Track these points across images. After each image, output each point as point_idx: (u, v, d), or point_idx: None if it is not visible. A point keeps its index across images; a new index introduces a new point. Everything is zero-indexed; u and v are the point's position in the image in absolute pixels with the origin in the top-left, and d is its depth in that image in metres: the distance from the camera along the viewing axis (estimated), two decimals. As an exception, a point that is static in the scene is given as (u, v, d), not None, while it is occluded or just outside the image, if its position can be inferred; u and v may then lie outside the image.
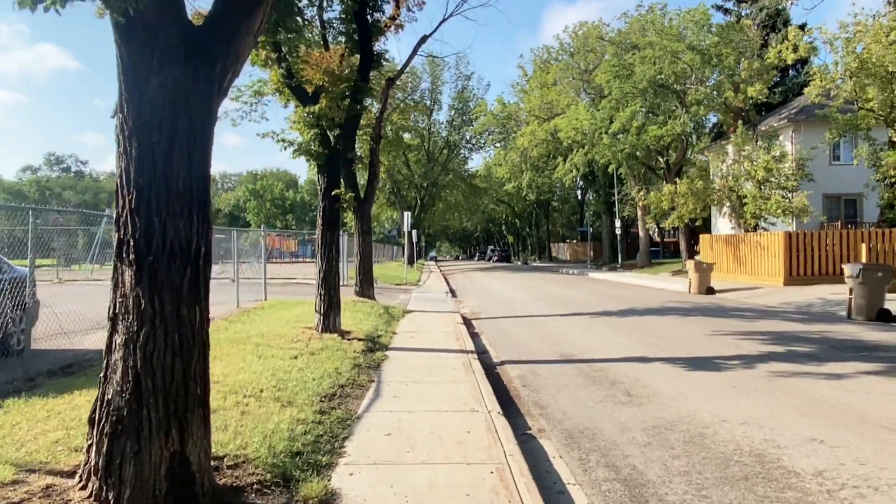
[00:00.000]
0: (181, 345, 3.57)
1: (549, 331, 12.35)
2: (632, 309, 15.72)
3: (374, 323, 12.04)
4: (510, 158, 39.05)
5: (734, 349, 9.61)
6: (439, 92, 48.76)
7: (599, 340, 10.92)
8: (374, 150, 16.13)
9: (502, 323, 14.03)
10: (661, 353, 9.51)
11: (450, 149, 50.30)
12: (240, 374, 7.03)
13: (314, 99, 9.94)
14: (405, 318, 13.99)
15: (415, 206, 49.68)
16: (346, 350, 8.91)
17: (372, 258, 16.56)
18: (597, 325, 12.94)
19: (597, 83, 30.08)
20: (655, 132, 24.72)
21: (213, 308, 13.30)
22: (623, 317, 14.24)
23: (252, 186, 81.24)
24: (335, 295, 10.00)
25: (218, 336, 9.68)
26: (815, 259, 21.19)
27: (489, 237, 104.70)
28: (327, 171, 9.99)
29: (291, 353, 8.32)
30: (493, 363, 9.35)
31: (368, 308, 14.30)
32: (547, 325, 13.24)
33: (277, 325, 10.71)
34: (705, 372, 8.04)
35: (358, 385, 7.22)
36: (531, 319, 14.40)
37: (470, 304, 18.88)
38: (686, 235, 29.30)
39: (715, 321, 13.10)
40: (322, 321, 9.86)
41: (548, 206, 68.21)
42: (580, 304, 17.86)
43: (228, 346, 8.62)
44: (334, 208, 9.99)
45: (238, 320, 11.88)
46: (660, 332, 11.57)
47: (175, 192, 3.54)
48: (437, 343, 10.49)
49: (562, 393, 7.25)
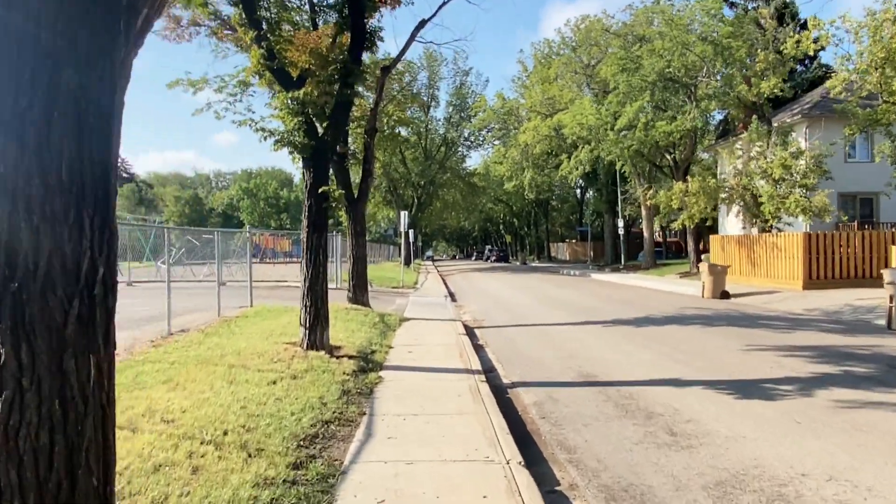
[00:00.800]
0: (64, 416, 2.36)
1: (561, 342, 11.16)
2: (647, 317, 14.55)
3: (367, 335, 10.83)
4: (511, 155, 37.80)
5: (779, 369, 8.42)
6: (437, 88, 47.56)
7: (620, 355, 9.73)
8: (368, 145, 14.92)
9: (508, 332, 12.84)
10: (696, 373, 8.33)
11: (447, 146, 49.07)
12: (203, 409, 5.82)
13: (300, 84, 8.73)
14: (402, 328, 12.78)
15: (411, 204, 48.47)
16: (335, 371, 7.70)
17: (366, 261, 15.36)
18: (613, 336, 11.75)
19: (601, 78, 28.90)
20: (664, 128, 23.54)
21: (193, 316, 11.93)
22: (640, 326, 13.06)
23: (246, 185, 79.81)
24: (322, 306, 8.79)
25: (188, 354, 8.47)
26: (835, 262, 20.06)
27: (486, 236, 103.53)
28: (313, 164, 8.77)
29: (269, 378, 7.11)
30: (502, 385, 8.16)
31: (362, 317, 13.09)
32: (557, 335, 12.05)
33: (258, 340, 9.49)
34: (756, 401, 6.86)
35: (346, 420, 6.01)
36: (539, 328, 13.21)
37: (471, 310, 17.69)
38: (694, 236, 28.17)
39: (744, 332, 11.92)
40: (307, 336, 8.65)
41: (547, 205, 67.09)
42: (589, 309, 16.67)
43: (197, 369, 7.40)
44: (321, 207, 8.77)
45: (216, 332, 10.65)
46: (687, 346, 10.39)
47: (54, 185, 2.33)
48: (438, 359, 9.29)
49: (590, 429, 6.06)
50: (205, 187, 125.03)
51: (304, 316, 8.75)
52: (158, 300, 18.50)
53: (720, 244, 25.14)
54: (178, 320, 12.63)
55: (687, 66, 23.07)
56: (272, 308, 14.58)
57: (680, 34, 22.56)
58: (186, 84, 13.79)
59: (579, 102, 28.16)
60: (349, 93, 8.93)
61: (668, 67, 23.08)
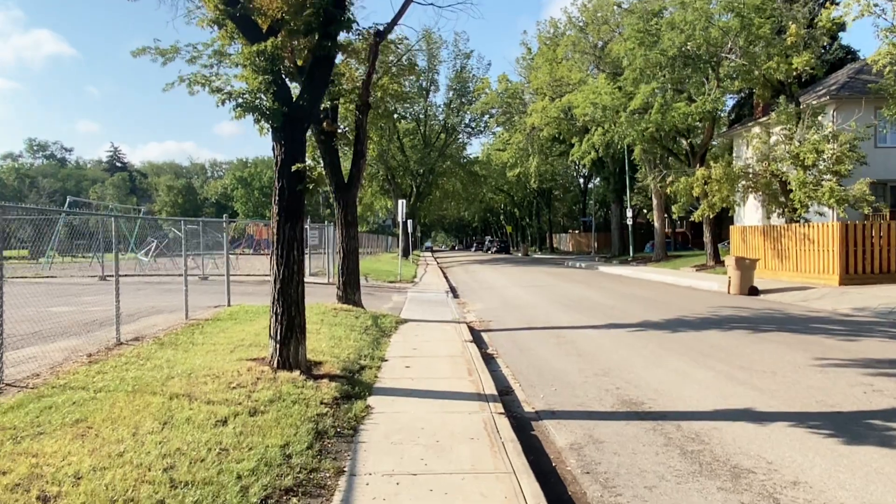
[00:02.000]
0: None
1: (589, 353, 9.39)
2: (680, 319, 12.78)
3: (356, 344, 9.06)
4: (515, 141, 35.75)
5: (877, 396, 6.65)
6: (436, 72, 45.52)
7: (665, 372, 7.98)
8: (360, 123, 13.08)
9: (521, 338, 11.08)
10: (771, 400, 6.57)
11: (448, 133, 47.07)
12: (109, 473, 4.06)
13: (269, 37, 6.90)
14: (398, 333, 11.01)
15: (410, 194, 46.61)
16: (309, 401, 5.94)
17: (358, 254, 13.55)
18: (647, 344, 9.99)
19: (614, 56, 26.91)
20: (683, 109, 21.66)
21: (156, 319, 9.98)
22: (675, 331, 11.30)
23: (240, 174, 77.68)
24: (298, 314, 7.00)
25: (125, 376, 6.69)
26: (872, 255, 18.30)
27: (486, 227, 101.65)
28: (286, 136, 6.96)
29: (220, 414, 5.35)
30: (524, 415, 6.41)
31: (352, 319, 11.31)
32: (581, 343, 10.29)
33: (220, 355, 7.71)
34: (872, 448, 5.10)
35: (315, 486, 4.26)
36: (556, 333, 11.45)
37: (475, 308, 15.94)
38: (710, 226, 26.36)
39: (802, 340, 10.16)
40: (278, 352, 6.87)
41: (550, 194, 65.22)
42: (608, 308, 14.92)
43: (125, 403, 5.63)
44: (296, 190, 6.96)
45: (174, 342, 8.87)
46: (743, 360, 8.63)
47: None
48: (443, 377, 7.53)
49: (660, 497, 4.30)
50: (200, 177, 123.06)
51: (273, 327, 6.97)
52: (130, 297, 16.76)
53: (740, 235, 23.34)
54: (136, 325, 10.86)
55: (709, 41, 21.14)
56: (251, 308, 12.80)
57: (703, 4, 20.61)
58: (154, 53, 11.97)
59: (593, 82, 26.11)
60: (330, 45, 7.09)
61: (688, 42, 21.14)
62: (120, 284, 9.57)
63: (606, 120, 23.97)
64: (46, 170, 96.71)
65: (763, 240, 21.70)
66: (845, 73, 27.21)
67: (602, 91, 24.29)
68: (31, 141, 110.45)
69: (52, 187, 78.52)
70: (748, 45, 21.35)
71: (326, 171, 13.02)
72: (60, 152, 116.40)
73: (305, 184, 7.01)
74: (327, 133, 12.70)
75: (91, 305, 13.55)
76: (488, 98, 38.23)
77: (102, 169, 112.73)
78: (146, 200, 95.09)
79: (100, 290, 17.68)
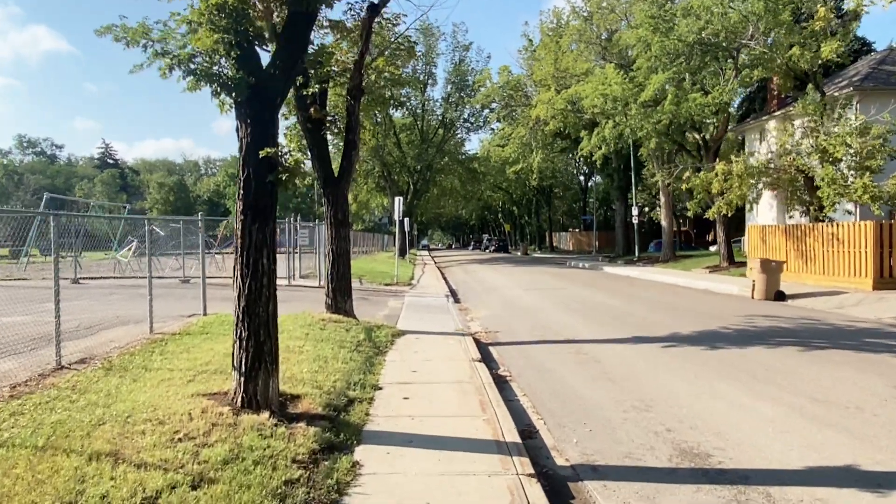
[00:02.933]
0: None
1: (620, 376, 7.96)
2: (713, 331, 11.33)
3: (345, 366, 7.61)
4: (517, 135, 34.15)
5: None
6: (434, 65, 44.00)
7: (723, 406, 6.53)
8: (352, 110, 11.60)
9: (536, 354, 9.64)
10: (879, 454, 5.12)
11: (446, 128, 45.52)
12: None
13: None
14: (394, 350, 9.55)
15: (407, 191, 45.10)
16: (278, 460, 4.48)
17: (350, 257, 12.06)
18: (686, 364, 8.57)
19: (622, 46, 25.50)
20: (700, 100, 20.21)
21: (117, 333, 7.59)
22: (713, 346, 9.86)
23: (233, 170, 75.86)
24: (268, 339, 5.54)
25: (43, 420, 5.21)
26: (907, 256, 16.91)
27: (484, 225, 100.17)
28: (252, 113, 5.50)
29: (152, 487, 3.89)
30: (557, 472, 4.97)
31: (342, 333, 9.85)
32: (607, 361, 8.86)
33: (174, 387, 6.22)
34: None
35: None
36: (576, 348, 10.01)
37: (479, 315, 14.51)
38: (724, 225, 24.95)
39: (866, 360, 8.74)
40: (242, 387, 5.41)
41: (550, 192, 63.81)
42: (628, 317, 13.50)
43: (26, 468, 4.15)
44: (265, 183, 5.49)
45: (123, 367, 7.38)
46: (811, 387, 7.19)
47: None
48: (450, 416, 6.07)
49: None
50: (193, 174, 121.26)
51: (237, 355, 5.50)
52: (98, 304, 15.26)
53: (760, 235, 21.94)
54: (91, 340, 9.37)
55: (728, 27, 19.69)
56: (229, 319, 11.30)
57: (723, -13, 19.20)
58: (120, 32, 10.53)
59: (600, 72, 24.59)
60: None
61: (706, 27, 19.69)
62: (91, 289, 8.14)
63: (617, 112, 22.49)
64: (36, 167, 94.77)
65: (785, 240, 20.30)
66: (867, 64, 25.83)
67: (612, 81, 22.80)
68: (20, 137, 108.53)
69: (40, 184, 76.79)
70: (770, 31, 19.90)
71: (314, 164, 11.56)
72: (51, 149, 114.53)
73: (278, 174, 5.53)
74: (315, 121, 11.21)
75: (46, 315, 12.03)
76: (489, 90, 36.66)
77: (94, 166, 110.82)
78: (137, 198, 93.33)
79: (70, 294, 16.17)
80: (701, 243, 51.41)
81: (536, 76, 30.66)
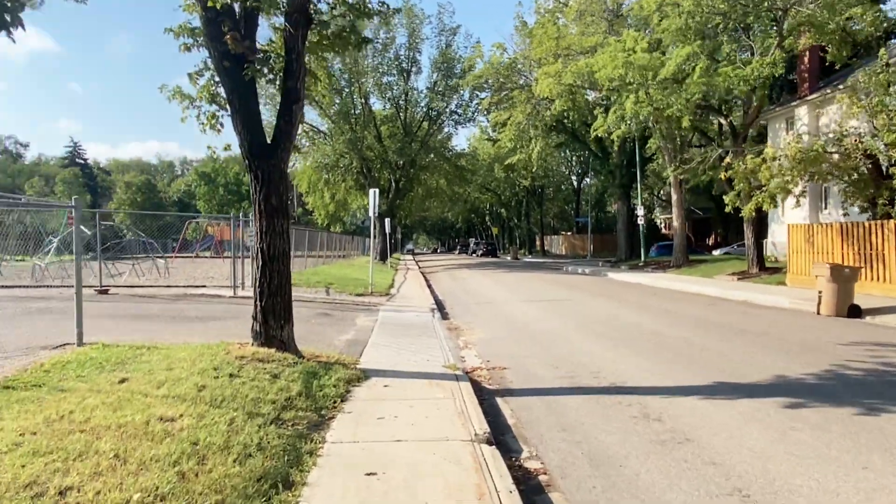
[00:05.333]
0: None
1: (749, 473, 4.28)
2: (835, 373, 7.70)
3: (236, 473, 3.85)
4: (513, 121, 30.35)
5: None
6: (418, 51, 40.24)
7: None
8: (292, 44, 7.85)
9: (576, 417, 5.96)
10: None
11: (431, 121, 41.78)
12: None
13: None
14: (345, 418, 5.78)
15: (389, 189, 41.31)
16: None
17: (289, 261, 8.21)
18: (812, 441, 4.95)
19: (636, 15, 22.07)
20: (738, 73, 16.76)
21: None
22: (854, 403, 6.24)
23: (203, 169, 71.36)
24: None
25: None
26: None
27: (471, 229, 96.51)
28: None
29: None
30: None
31: (265, 382, 6.10)
32: (708, 437, 5.21)
33: None
34: None
35: None
36: (638, 404, 6.34)
37: (475, 339, 10.86)
38: (754, 225, 21.51)
39: None
40: None
41: (541, 192, 60.37)
42: (683, 345, 9.90)
43: None
44: None
45: None
46: None
47: None
48: None
49: None
50: (168, 175, 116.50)
51: None
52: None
53: (805, 235, 18.48)
54: None
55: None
56: (109, 354, 7.46)
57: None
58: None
59: (616, 42, 20.96)
60: None
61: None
62: None
63: (642, 86, 18.87)
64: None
65: (840, 241, 16.84)
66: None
67: (638, 47, 19.16)
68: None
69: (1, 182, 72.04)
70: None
71: (235, 122, 7.81)
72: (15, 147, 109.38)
73: None
74: (234, 57, 7.46)
75: None
76: (482, 70, 32.91)
77: (61, 165, 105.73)
78: (106, 199, 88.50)
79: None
80: (702, 247, 48.18)
81: (536, 53, 27.03)
